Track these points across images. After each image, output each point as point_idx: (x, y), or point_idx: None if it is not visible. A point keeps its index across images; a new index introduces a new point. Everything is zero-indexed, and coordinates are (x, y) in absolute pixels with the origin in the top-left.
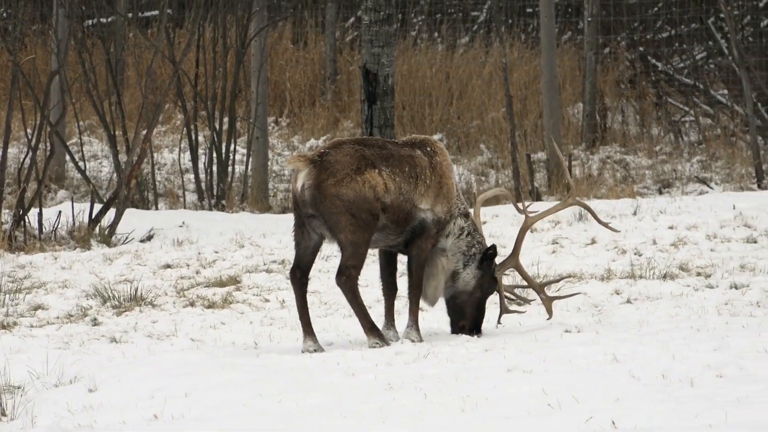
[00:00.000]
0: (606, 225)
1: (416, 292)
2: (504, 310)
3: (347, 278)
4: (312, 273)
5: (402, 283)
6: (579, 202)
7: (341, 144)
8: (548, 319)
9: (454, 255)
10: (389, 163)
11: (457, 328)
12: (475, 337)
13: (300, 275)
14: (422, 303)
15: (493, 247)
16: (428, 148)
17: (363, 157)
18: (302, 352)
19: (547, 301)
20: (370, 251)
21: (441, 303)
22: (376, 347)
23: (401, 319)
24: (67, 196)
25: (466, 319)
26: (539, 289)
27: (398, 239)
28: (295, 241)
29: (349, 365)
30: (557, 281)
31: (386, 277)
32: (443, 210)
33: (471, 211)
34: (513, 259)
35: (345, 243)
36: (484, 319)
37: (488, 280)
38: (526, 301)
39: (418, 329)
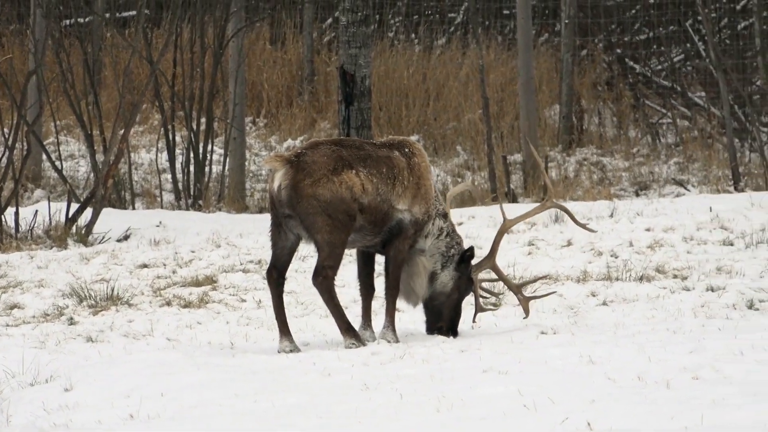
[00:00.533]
0: (583, 226)
1: (393, 293)
2: (479, 308)
3: (324, 278)
4: (289, 273)
5: (380, 283)
6: (557, 204)
7: (318, 144)
8: (525, 318)
9: (433, 256)
10: (367, 163)
11: (433, 329)
12: (451, 338)
13: (276, 275)
14: (404, 304)
15: (471, 249)
16: (406, 149)
17: (340, 157)
18: (278, 352)
19: (524, 301)
20: (347, 252)
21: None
22: (353, 348)
23: (378, 319)
24: (44, 195)
25: (443, 320)
26: (516, 289)
27: (375, 239)
28: (272, 242)
29: (326, 365)
30: (534, 281)
31: (364, 278)
32: (421, 211)
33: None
34: (490, 261)
35: (322, 243)
36: (460, 320)
37: (465, 282)
38: (498, 296)
39: (394, 330)
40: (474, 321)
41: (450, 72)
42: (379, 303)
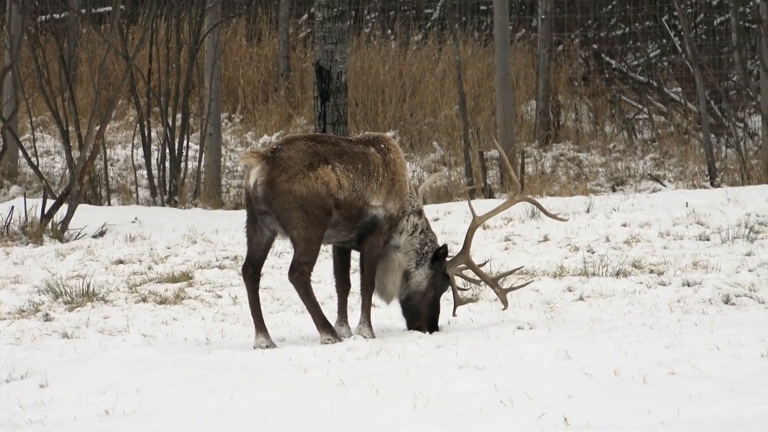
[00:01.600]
0: (554, 216)
1: (368, 289)
2: (458, 302)
3: (300, 274)
4: (264, 269)
5: (356, 279)
6: (526, 197)
7: (294, 140)
8: (504, 309)
9: (408, 252)
10: (343, 159)
11: (413, 328)
12: (430, 333)
13: (252, 271)
14: (379, 300)
15: (444, 246)
16: (382, 145)
17: (316, 153)
18: (254, 348)
19: (502, 294)
20: (323, 248)
21: (395, 302)
22: (329, 343)
23: (354, 315)
24: (20, 191)
25: (422, 319)
26: (492, 282)
27: (350, 235)
28: (248, 238)
29: (302, 361)
30: (509, 273)
31: (339, 274)
32: (395, 207)
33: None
34: (463, 256)
35: (297, 239)
36: (440, 317)
37: (441, 279)
38: (479, 283)
39: (370, 325)
40: (454, 315)
41: (426, 68)
42: (355, 299)
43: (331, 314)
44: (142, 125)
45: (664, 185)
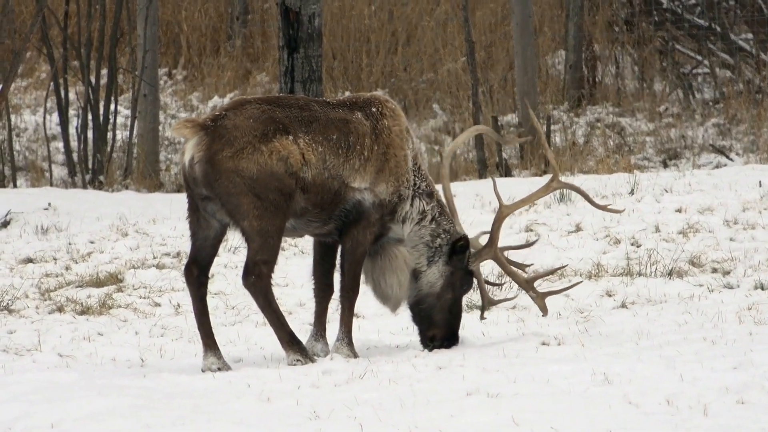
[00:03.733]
0: (604, 207)
1: (350, 296)
2: (488, 302)
3: (256, 278)
4: (216, 269)
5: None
6: (566, 183)
7: (244, 104)
8: (543, 316)
9: (416, 247)
10: (311, 128)
11: (426, 339)
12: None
13: (198, 273)
14: (383, 307)
15: (464, 237)
16: (373, 110)
17: (272, 119)
18: (203, 371)
19: (539, 298)
20: (292, 242)
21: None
22: (297, 365)
23: (333, 328)
24: None
25: (437, 327)
26: (527, 285)
27: (326, 227)
28: (191, 230)
29: (263, 388)
30: (550, 273)
31: (319, 275)
32: (388, 190)
33: (439, 189)
34: (490, 251)
35: (250, 232)
36: (460, 325)
37: (461, 277)
38: (499, 286)
39: (350, 342)
40: (482, 318)
41: (424, 9)
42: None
43: (302, 327)
44: (57, 84)
45: (730, 159)
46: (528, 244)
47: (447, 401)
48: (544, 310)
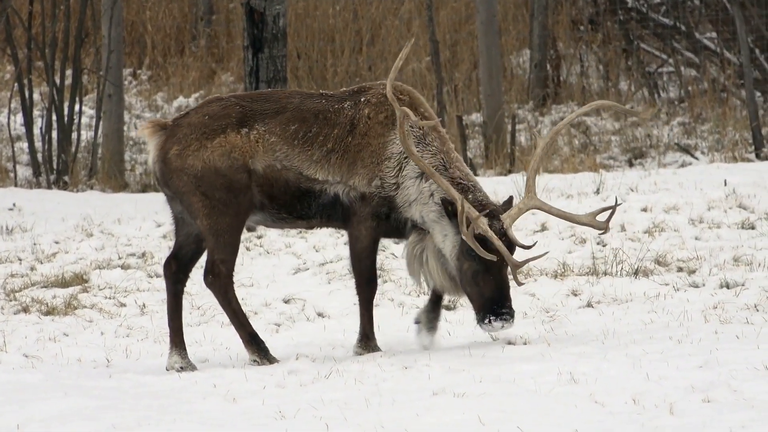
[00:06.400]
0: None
1: (360, 293)
2: (514, 266)
3: (215, 277)
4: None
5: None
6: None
7: (212, 101)
8: (518, 285)
9: (432, 227)
10: (272, 120)
11: (479, 320)
12: (502, 325)
13: (176, 269)
14: (443, 294)
15: (450, 202)
16: (363, 98)
17: (227, 115)
18: (167, 369)
19: (516, 266)
20: (244, 241)
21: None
22: (256, 365)
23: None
24: None
25: (472, 300)
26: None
27: (311, 221)
28: (175, 226)
29: (229, 388)
30: (532, 260)
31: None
32: (365, 182)
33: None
34: (477, 217)
35: (204, 231)
36: (507, 296)
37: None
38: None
39: (368, 341)
40: (519, 283)
41: (388, 8)
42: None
43: (267, 327)
44: (21, 84)
45: (696, 158)
46: (539, 256)
47: (413, 401)
48: (517, 282)
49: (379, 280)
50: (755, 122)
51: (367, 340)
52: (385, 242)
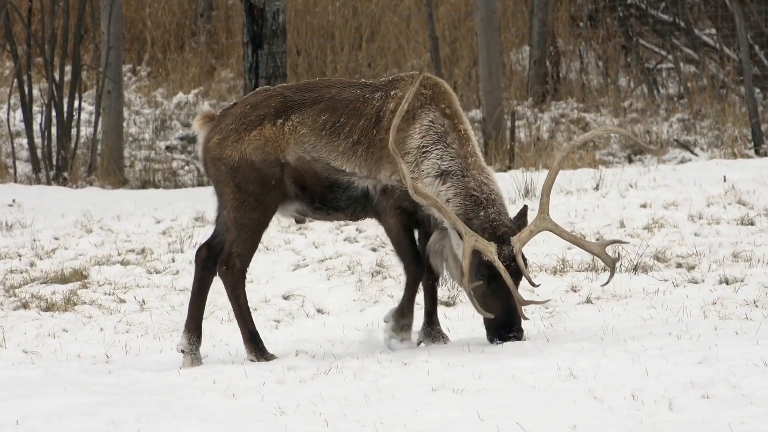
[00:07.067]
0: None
1: (407, 273)
2: (518, 301)
3: (229, 269)
4: (180, 265)
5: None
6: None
7: (258, 92)
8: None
9: (448, 229)
10: (309, 109)
11: (488, 338)
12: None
13: (206, 256)
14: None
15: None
16: (392, 92)
17: (267, 106)
18: (176, 349)
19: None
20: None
21: None
22: (253, 362)
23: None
24: None
25: (486, 322)
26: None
27: (347, 214)
28: (217, 213)
29: (229, 384)
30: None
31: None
32: (388, 175)
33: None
34: (470, 237)
35: (229, 223)
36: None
37: (483, 268)
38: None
39: (400, 316)
40: (524, 318)
41: (387, 5)
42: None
43: (267, 323)
44: (21, 81)
45: (695, 154)
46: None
47: (412, 396)
48: (524, 318)
49: (378, 276)
50: (754, 118)
51: (400, 317)
52: (383, 239)
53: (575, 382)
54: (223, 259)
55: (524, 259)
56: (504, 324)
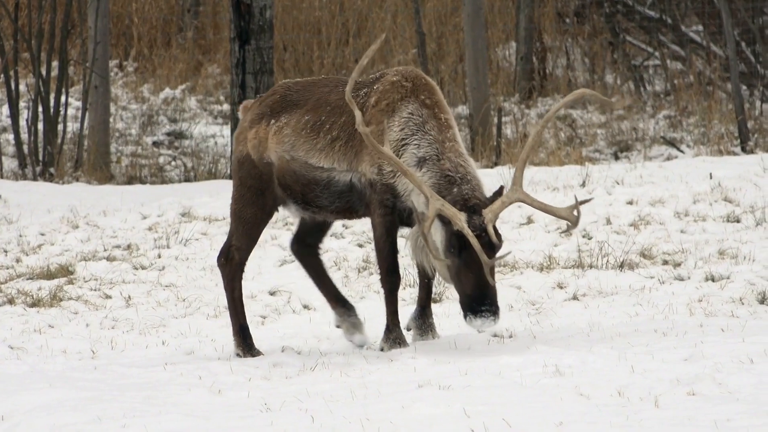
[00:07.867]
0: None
1: (383, 284)
2: (485, 263)
3: (227, 261)
4: (166, 261)
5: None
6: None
7: (277, 87)
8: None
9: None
10: (298, 109)
11: (463, 316)
12: (482, 323)
13: (299, 247)
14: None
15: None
16: (376, 86)
17: (270, 102)
18: (336, 325)
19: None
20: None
21: None
22: (239, 357)
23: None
24: None
25: (460, 299)
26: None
27: (329, 213)
28: None
29: (215, 380)
30: (501, 258)
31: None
32: (372, 169)
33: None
34: (435, 202)
35: (231, 214)
36: (488, 294)
37: (449, 238)
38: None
39: (390, 334)
40: (490, 282)
41: (374, 0)
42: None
43: (253, 319)
44: (8, 76)
45: (681, 151)
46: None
47: (398, 393)
48: (490, 282)
49: (365, 272)
50: (741, 115)
51: (388, 333)
52: (369, 236)
53: (562, 378)
54: (223, 251)
55: (497, 233)
56: (477, 298)
